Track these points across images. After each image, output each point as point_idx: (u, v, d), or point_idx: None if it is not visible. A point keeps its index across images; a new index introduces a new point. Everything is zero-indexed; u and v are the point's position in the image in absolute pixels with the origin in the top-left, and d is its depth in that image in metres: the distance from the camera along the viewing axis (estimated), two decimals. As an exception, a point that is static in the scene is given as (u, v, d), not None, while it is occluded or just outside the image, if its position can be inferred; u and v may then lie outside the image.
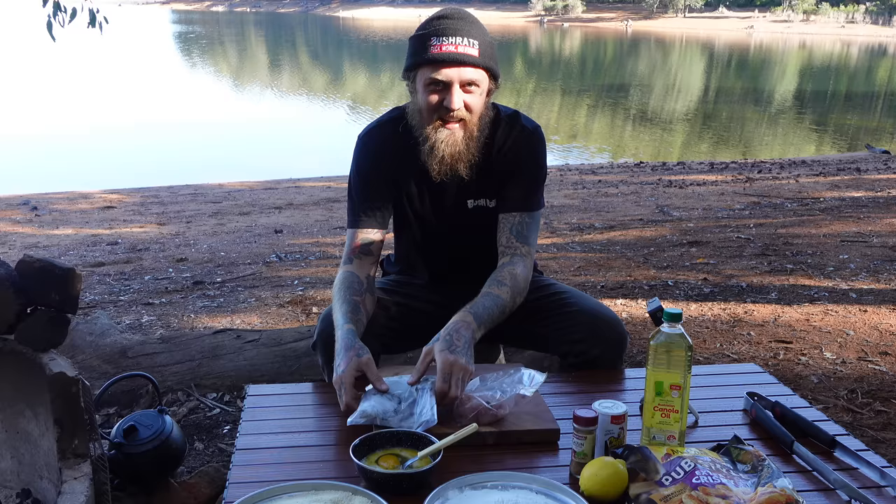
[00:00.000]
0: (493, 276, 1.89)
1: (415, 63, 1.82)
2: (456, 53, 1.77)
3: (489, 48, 1.83)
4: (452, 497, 1.32)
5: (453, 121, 1.82)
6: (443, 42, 1.77)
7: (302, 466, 1.47)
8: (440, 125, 1.82)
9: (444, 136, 1.82)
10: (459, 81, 1.79)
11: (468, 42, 1.79)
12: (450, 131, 1.82)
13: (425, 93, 1.82)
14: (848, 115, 19.22)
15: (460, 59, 1.78)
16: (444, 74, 1.78)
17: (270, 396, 1.81)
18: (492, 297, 1.83)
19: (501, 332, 2.10)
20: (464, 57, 1.78)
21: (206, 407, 2.65)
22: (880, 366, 3.04)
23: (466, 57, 1.78)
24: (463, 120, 1.83)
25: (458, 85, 1.79)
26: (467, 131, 1.84)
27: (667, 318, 1.46)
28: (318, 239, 5.66)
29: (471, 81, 1.80)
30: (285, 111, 17.33)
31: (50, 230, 6.19)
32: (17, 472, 1.95)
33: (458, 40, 1.77)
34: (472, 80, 1.80)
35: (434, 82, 1.79)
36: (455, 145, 1.83)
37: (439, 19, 1.82)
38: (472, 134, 1.85)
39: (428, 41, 1.79)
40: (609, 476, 1.35)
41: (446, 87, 1.80)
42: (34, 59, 22.18)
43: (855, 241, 5.10)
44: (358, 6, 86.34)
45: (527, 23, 70.65)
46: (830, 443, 1.55)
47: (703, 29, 61.10)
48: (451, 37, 1.77)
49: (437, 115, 1.82)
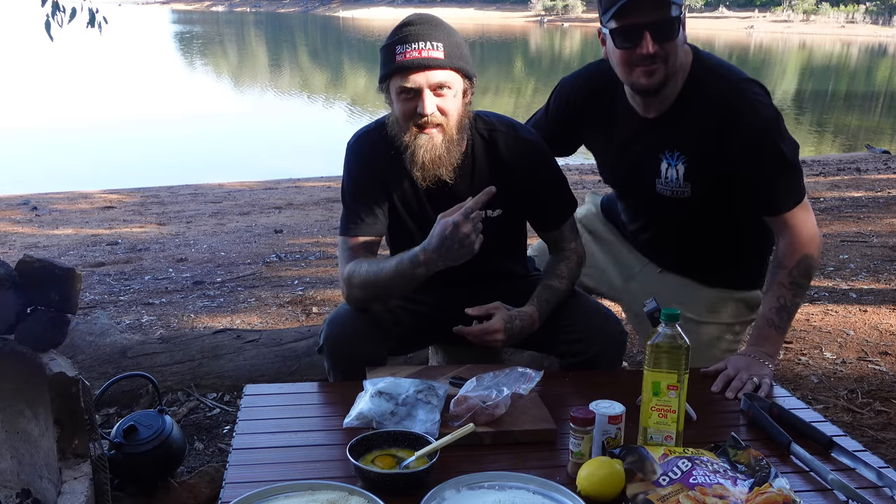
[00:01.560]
0: (552, 270, 2.02)
1: (385, 74, 1.83)
2: (420, 59, 1.78)
3: (456, 49, 1.83)
4: (449, 497, 1.33)
5: (430, 126, 1.82)
6: (407, 49, 1.78)
7: (299, 466, 1.47)
8: (417, 132, 1.83)
9: (423, 141, 1.83)
10: (428, 85, 1.79)
11: (432, 45, 1.79)
12: (428, 136, 1.83)
13: (399, 101, 1.83)
14: (848, 115, 19.21)
15: (425, 64, 1.78)
16: (412, 81, 1.79)
17: (267, 396, 1.81)
18: (552, 290, 1.98)
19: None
20: (428, 61, 1.78)
21: (206, 407, 2.65)
22: (880, 366, 3.04)
23: (431, 60, 1.78)
24: (440, 124, 1.82)
25: (427, 89, 1.79)
26: (446, 135, 1.84)
27: (664, 319, 1.46)
28: (318, 239, 5.67)
29: (440, 84, 1.80)
30: (285, 111, 17.32)
31: (50, 230, 6.19)
32: (17, 472, 1.95)
33: (422, 45, 1.78)
34: (442, 83, 1.80)
35: (405, 90, 1.80)
36: (434, 150, 1.83)
37: (403, 27, 1.82)
38: (452, 137, 1.85)
39: (394, 50, 1.80)
40: (606, 476, 1.35)
41: (417, 93, 1.80)
42: (34, 59, 22.18)
43: (855, 241, 5.10)
44: (358, 6, 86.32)
45: (527, 23, 70.61)
46: (828, 443, 1.55)
47: (703, 29, 61.00)
48: (414, 42, 1.78)
49: (413, 122, 1.82)
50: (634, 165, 2.04)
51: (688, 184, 1.96)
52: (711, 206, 2.00)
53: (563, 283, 2.00)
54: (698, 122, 1.90)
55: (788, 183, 1.93)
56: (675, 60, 1.84)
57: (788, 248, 1.92)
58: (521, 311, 1.91)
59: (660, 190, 2.01)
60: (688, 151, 1.94)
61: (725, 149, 1.88)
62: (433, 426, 1.52)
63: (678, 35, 1.82)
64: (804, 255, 1.91)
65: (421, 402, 1.58)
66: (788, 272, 1.91)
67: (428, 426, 1.52)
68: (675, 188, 1.98)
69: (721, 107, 1.87)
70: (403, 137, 1.85)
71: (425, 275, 1.82)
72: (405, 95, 1.81)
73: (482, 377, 1.66)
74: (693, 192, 1.97)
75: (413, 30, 1.80)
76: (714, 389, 1.81)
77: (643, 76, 1.84)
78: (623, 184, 2.18)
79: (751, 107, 1.86)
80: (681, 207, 2.01)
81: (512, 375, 1.65)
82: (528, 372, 1.68)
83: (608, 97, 2.05)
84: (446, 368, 1.87)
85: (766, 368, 1.85)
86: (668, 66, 1.83)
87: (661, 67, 1.82)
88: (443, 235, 1.74)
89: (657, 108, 1.95)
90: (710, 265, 2.17)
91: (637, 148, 2.01)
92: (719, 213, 2.03)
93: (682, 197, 1.98)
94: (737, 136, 1.86)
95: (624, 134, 2.04)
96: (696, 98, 1.91)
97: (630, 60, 1.84)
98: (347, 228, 1.98)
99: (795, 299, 1.92)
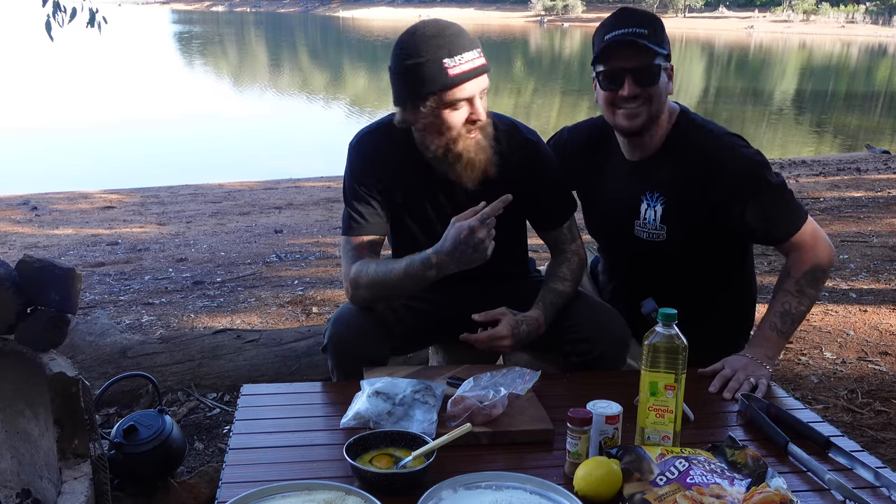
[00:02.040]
0: (554, 273, 2.03)
1: (436, 89, 1.79)
2: (474, 68, 1.79)
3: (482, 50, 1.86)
4: (446, 497, 1.33)
5: (475, 130, 1.85)
6: (457, 62, 1.78)
7: (295, 466, 1.48)
8: (466, 136, 1.84)
9: (472, 144, 1.85)
10: (479, 92, 1.82)
11: (476, 53, 1.81)
12: (474, 138, 1.85)
13: (450, 114, 1.81)
14: (848, 115, 19.20)
15: (477, 72, 1.80)
16: (467, 91, 1.79)
17: (264, 396, 1.82)
18: (557, 292, 1.98)
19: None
20: (480, 68, 1.81)
21: (206, 407, 2.66)
22: (880, 366, 3.05)
23: (479, 68, 1.81)
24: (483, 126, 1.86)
25: (478, 96, 1.82)
26: (483, 131, 1.87)
27: (662, 319, 1.47)
28: (318, 239, 5.67)
29: (484, 88, 1.83)
30: (285, 111, 17.32)
31: (50, 230, 6.19)
32: (17, 472, 1.95)
33: (468, 55, 1.79)
34: (486, 86, 1.84)
35: (457, 101, 1.80)
36: (484, 150, 1.87)
37: (436, 38, 1.79)
38: (486, 130, 1.88)
39: (441, 64, 1.77)
40: (603, 476, 1.36)
41: (469, 101, 1.81)
42: (34, 59, 22.18)
43: (855, 241, 5.10)
44: (358, 6, 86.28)
45: (527, 23, 70.59)
46: (825, 444, 1.55)
47: (703, 29, 61.02)
48: (460, 53, 1.78)
49: (464, 130, 1.84)
50: (616, 206, 2.09)
51: (664, 226, 2.01)
52: (687, 253, 2.04)
53: (566, 285, 2.01)
54: (680, 170, 1.97)
55: (786, 209, 1.98)
56: (658, 105, 1.92)
57: (798, 259, 1.96)
58: (527, 315, 1.92)
59: (637, 232, 2.06)
60: (667, 194, 2.00)
61: (709, 197, 1.95)
62: (430, 426, 1.53)
63: (658, 81, 1.91)
64: (814, 265, 1.95)
65: (418, 402, 1.58)
66: (796, 281, 1.94)
67: (425, 426, 1.53)
68: (651, 230, 2.03)
69: (703, 157, 1.95)
70: (452, 146, 1.84)
71: (436, 277, 1.83)
72: (458, 104, 1.81)
73: (479, 377, 1.66)
74: (669, 236, 2.01)
75: (451, 41, 1.79)
76: (711, 390, 1.81)
77: (625, 118, 1.93)
78: (604, 228, 2.23)
79: (731, 154, 1.95)
80: (656, 253, 2.04)
81: (509, 375, 1.65)
82: (526, 372, 1.68)
83: (602, 150, 2.12)
84: (444, 369, 1.88)
85: (763, 370, 1.85)
86: (650, 109, 1.91)
87: (643, 111, 1.91)
88: (457, 239, 1.74)
89: (641, 153, 2.03)
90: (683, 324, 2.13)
91: (620, 190, 2.08)
92: (694, 263, 2.06)
93: (658, 241, 2.03)
94: (720, 184, 1.93)
95: (611, 178, 2.11)
96: (679, 146, 1.99)
97: (614, 102, 1.94)
98: (350, 228, 1.98)
99: (800, 307, 1.93)
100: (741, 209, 1.95)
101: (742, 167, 1.94)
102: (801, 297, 1.93)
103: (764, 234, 2.00)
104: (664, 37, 1.93)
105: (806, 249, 1.96)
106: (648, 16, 1.93)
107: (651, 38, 1.88)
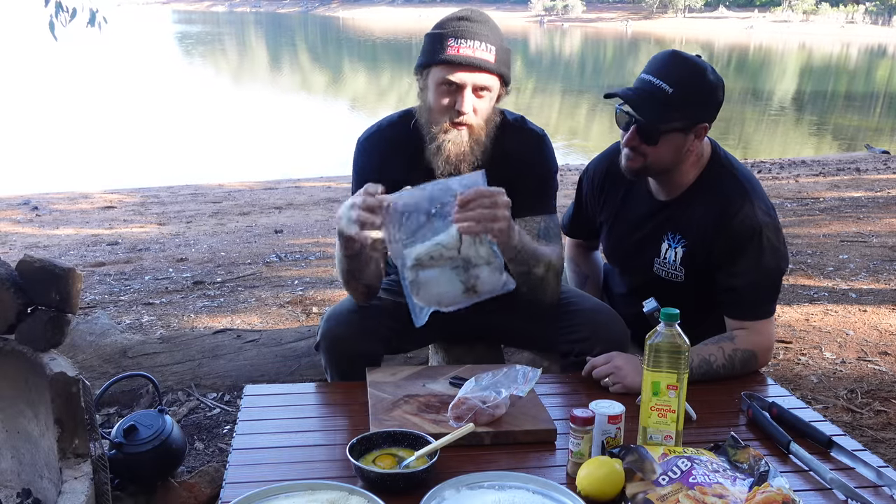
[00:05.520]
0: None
1: (428, 61, 1.81)
2: (472, 57, 1.76)
3: (505, 54, 1.82)
4: (449, 497, 1.33)
5: (461, 124, 1.81)
6: (460, 44, 1.76)
7: (299, 466, 1.48)
8: (449, 126, 1.81)
9: (452, 136, 1.82)
10: (473, 86, 1.78)
11: (486, 47, 1.77)
12: (458, 132, 1.82)
13: (436, 93, 1.80)
14: (848, 115, 19.22)
15: (476, 64, 1.76)
16: (457, 77, 1.77)
17: (268, 396, 1.82)
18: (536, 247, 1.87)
19: (503, 332, 2.10)
20: (480, 62, 1.77)
21: (207, 407, 2.65)
22: (880, 366, 3.05)
23: (482, 62, 1.77)
24: (471, 124, 1.82)
25: (470, 89, 1.78)
26: (473, 134, 1.83)
27: (664, 319, 1.46)
28: (318, 239, 5.67)
29: (483, 87, 1.79)
30: (285, 111, 17.32)
31: (50, 230, 6.19)
32: (17, 472, 1.95)
33: (476, 44, 1.76)
34: (485, 86, 1.80)
35: (446, 83, 1.78)
36: (461, 146, 1.82)
37: (459, 20, 1.80)
38: (479, 138, 1.84)
39: (445, 41, 1.77)
40: (606, 476, 1.36)
41: (458, 89, 1.78)
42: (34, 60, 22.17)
43: (854, 241, 5.11)
44: (358, 6, 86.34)
45: (527, 23, 70.60)
46: (827, 443, 1.55)
47: (703, 29, 61.07)
48: (469, 40, 1.76)
49: (447, 117, 1.81)
50: (639, 242, 2.06)
51: (682, 268, 1.99)
52: (702, 297, 1.98)
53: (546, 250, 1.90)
54: (703, 213, 1.94)
55: (759, 295, 1.92)
56: (655, 160, 1.90)
57: (745, 338, 1.90)
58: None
59: (656, 270, 2.03)
60: (688, 237, 1.97)
61: (714, 243, 1.91)
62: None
63: (657, 143, 1.86)
64: (756, 352, 1.90)
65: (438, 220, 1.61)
66: (734, 349, 1.88)
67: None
68: (670, 270, 2.01)
69: (726, 200, 1.91)
70: (432, 128, 1.83)
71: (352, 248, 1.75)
72: (446, 88, 1.79)
73: (481, 377, 1.66)
74: (686, 279, 1.99)
75: (469, 26, 1.78)
76: (583, 374, 1.84)
77: (624, 159, 1.94)
78: (624, 261, 2.19)
79: (751, 207, 1.88)
80: (673, 292, 1.98)
81: (511, 375, 1.65)
82: (528, 370, 1.68)
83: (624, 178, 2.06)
84: (445, 369, 1.88)
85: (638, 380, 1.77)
86: (646, 161, 1.90)
87: (638, 160, 1.91)
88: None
89: (668, 192, 2.00)
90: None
91: (644, 227, 2.05)
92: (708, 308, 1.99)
93: (675, 281, 2.00)
94: (725, 232, 1.89)
95: (635, 212, 2.08)
96: (706, 189, 1.95)
97: (622, 142, 1.94)
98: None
99: (720, 370, 1.86)
100: (729, 262, 1.89)
101: (751, 224, 1.87)
102: (726, 363, 1.87)
103: (732, 303, 1.93)
104: (695, 102, 1.85)
105: (757, 337, 1.90)
106: (687, 75, 1.83)
107: (674, 102, 1.82)
